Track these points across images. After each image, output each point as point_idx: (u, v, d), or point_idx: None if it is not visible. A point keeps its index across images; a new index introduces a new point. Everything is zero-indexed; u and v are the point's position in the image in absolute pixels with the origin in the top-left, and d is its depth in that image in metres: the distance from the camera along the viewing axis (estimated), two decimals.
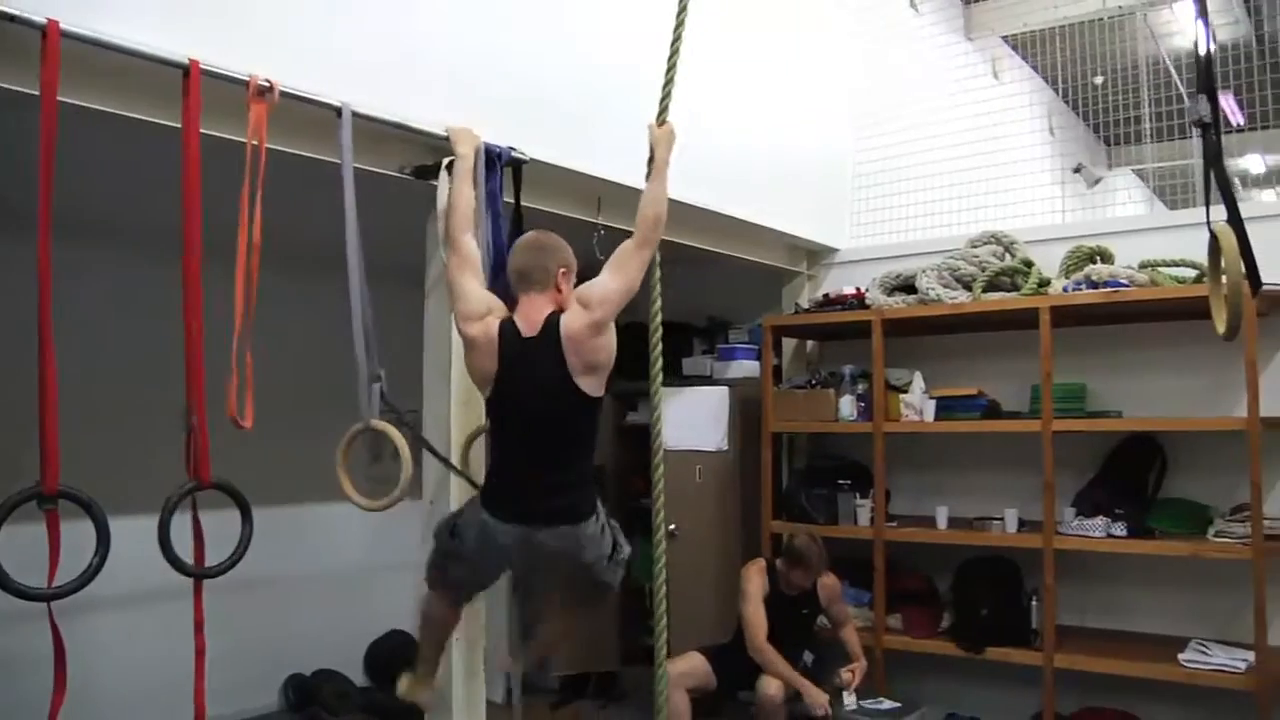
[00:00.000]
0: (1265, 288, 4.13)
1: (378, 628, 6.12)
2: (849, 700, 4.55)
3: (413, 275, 3.67)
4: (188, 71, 2.50)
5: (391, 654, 5.96)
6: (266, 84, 2.70)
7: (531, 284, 2.97)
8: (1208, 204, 2.53)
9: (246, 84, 2.66)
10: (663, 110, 3.21)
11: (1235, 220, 2.41)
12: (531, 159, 3.60)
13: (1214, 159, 2.48)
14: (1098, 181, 8.98)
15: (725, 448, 5.34)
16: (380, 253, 4.30)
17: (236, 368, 2.60)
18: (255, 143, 2.67)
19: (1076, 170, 8.90)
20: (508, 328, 2.96)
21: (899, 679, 4.86)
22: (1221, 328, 2.46)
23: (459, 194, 3.20)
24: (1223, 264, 2.41)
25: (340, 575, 5.94)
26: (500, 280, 3.25)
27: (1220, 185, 2.47)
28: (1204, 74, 2.55)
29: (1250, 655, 4.13)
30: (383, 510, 2.95)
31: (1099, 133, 9.27)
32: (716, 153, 4.63)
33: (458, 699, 3.53)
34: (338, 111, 2.94)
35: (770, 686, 4.52)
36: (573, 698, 5.95)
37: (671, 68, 3.18)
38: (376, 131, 3.19)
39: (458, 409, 3.50)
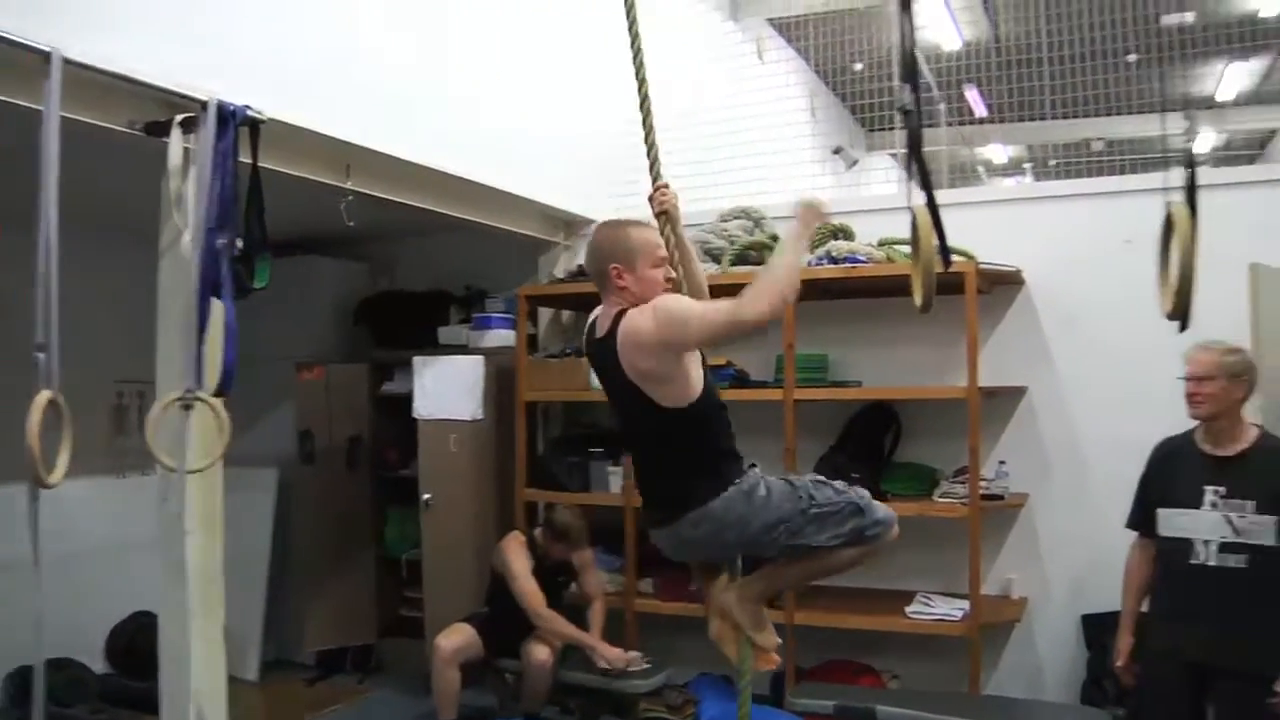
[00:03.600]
0: (984, 266, 4.50)
1: (120, 611, 5.80)
2: (600, 662, 4.62)
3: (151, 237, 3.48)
4: None
5: (134, 638, 5.68)
6: None
7: (599, 289, 2.84)
8: (909, 187, 2.68)
9: None
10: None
11: (930, 202, 2.57)
12: (272, 119, 3.47)
13: (914, 144, 2.63)
14: (855, 163, 9.39)
15: (480, 417, 5.32)
16: (124, 213, 4.06)
17: None
18: None
19: (836, 152, 9.28)
20: (590, 326, 2.89)
21: (651, 641, 4.98)
22: (918, 300, 2.62)
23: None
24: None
25: (78, 557, 5.58)
26: (209, 252, 3.10)
27: (918, 168, 2.62)
28: (907, 65, 2.70)
29: (966, 604, 4.47)
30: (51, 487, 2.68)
31: (858, 117, 9.70)
32: (476, 121, 4.60)
33: (197, 676, 3.40)
34: (46, 57, 2.74)
35: (541, 652, 4.55)
36: (329, 673, 5.85)
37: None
38: (103, 84, 3.01)
39: None
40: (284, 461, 5.99)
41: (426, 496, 5.32)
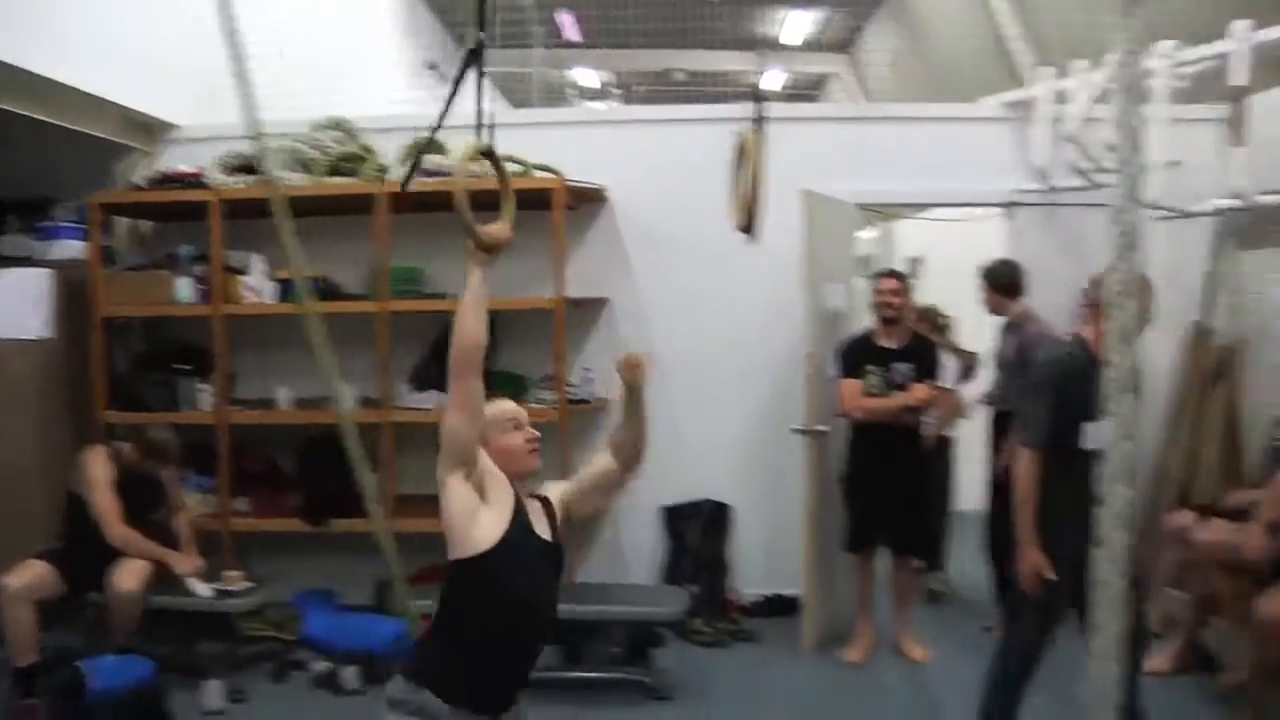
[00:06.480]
0: (571, 183, 4.75)
1: None
2: (201, 590, 4.48)
3: None
4: None
5: None
6: None
7: None
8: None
9: None
10: None
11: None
12: None
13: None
14: None
15: (47, 335, 4.91)
16: None
17: None
18: None
19: (432, 67, 9.29)
20: None
21: (252, 560, 4.91)
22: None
23: None
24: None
25: None
26: None
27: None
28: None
29: None
30: None
31: (456, 33, 9.73)
32: (48, 12, 4.18)
33: None
34: None
35: (128, 580, 4.32)
36: None
37: None
38: None
39: None
40: None
41: None
